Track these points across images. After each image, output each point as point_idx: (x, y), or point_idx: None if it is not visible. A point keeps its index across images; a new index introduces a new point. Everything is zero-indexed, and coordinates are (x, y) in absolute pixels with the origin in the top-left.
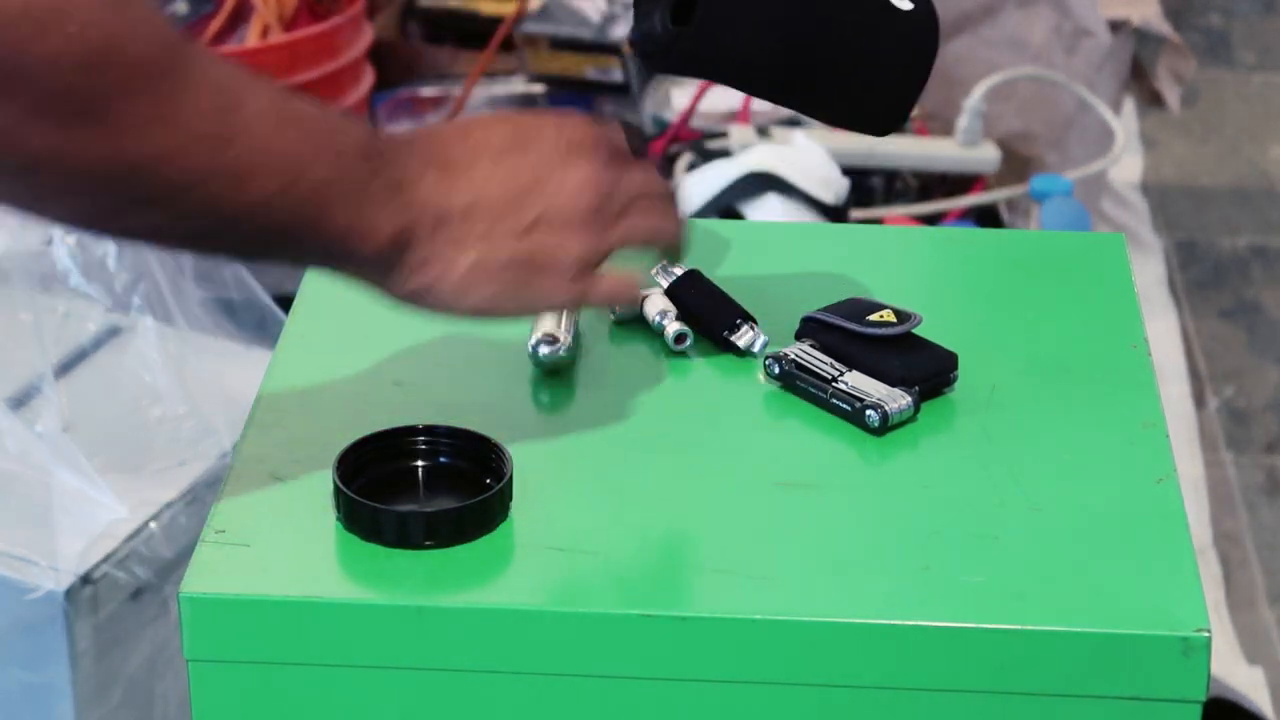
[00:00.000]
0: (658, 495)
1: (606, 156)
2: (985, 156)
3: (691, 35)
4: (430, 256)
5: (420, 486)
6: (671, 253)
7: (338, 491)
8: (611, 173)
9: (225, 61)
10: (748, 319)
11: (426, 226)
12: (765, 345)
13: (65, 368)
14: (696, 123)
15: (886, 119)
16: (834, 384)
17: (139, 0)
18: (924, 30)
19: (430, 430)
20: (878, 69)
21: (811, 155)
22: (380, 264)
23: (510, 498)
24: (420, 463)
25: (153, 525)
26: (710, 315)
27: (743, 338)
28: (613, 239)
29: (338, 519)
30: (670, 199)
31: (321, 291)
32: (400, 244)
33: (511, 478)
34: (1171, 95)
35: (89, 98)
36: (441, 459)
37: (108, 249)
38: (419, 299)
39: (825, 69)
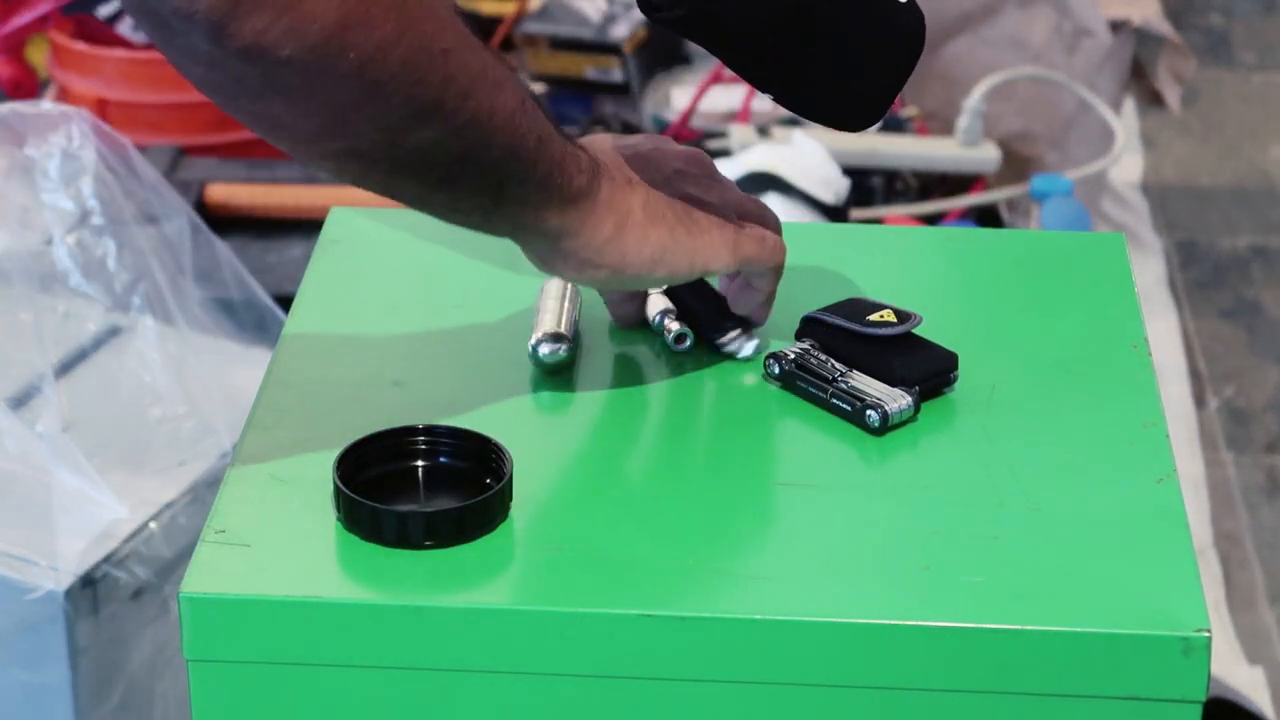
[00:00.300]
0: (658, 495)
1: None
2: (985, 156)
3: None
4: (615, 195)
5: (420, 486)
6: (770, 280)
7: (338, 491)
8: (724, 182)
9: None
10: (741, 323)
11: (602, 166)
12: (756, 349)
13: (65, 368)
14: (696, 123)
15: (866, 112)
16: (834, 384)
17: None
18: (916, 25)
19: (430, 430)
20: (870, 55)
21: (811, 155)
22: (582, 201)
23: (510, 498)
24: (420, 463)
25: (153, 525)
26: (705, 317)
27: (730, 343)
28: (743, 206)
29: (338, 519)
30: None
31: (321, 291)
32: (594, 176)
33: (511, 478)
34: (1171, 95)
35: None
36: (441, 459)
37: (108, 249)
38: (603, 254)
39: (823, 46)
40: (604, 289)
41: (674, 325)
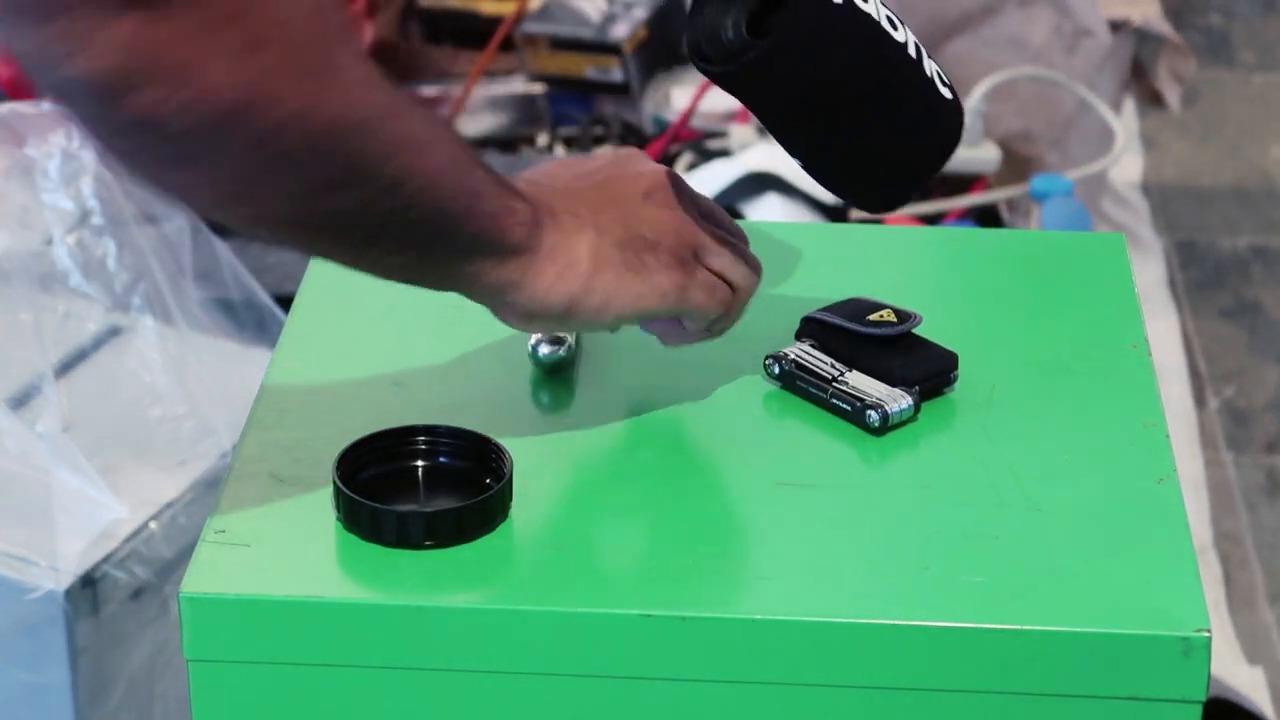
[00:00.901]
0: (658, 496)
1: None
2: (985, 156)
3: (766, 49)
4: (558, 243)
5: (420, 486)
6: (735, 311)
7: (338, 491)
8: (691, 212)
9: None
10: None
11: (546, 214)
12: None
13: (65, 368)
14: (696, 123)
15: (887, 198)
16: (834, 384)
17: None
18: (955, 124)
19: (430, 430)
20: (907, 146)
21: None
22: (521, 253)
23: (510, 498)
24: (420, 463)
25: (153, 525)
26: None
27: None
28: (706, 241)
29: (338, 519)
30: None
31: (321, 291)
32: (534, 228)
33: (511, 478)
34: (1171, 95)
35: (324, 49)
36: (441, 459)
37: (108, 249)
38: (546, 305)
39: (864, 129)
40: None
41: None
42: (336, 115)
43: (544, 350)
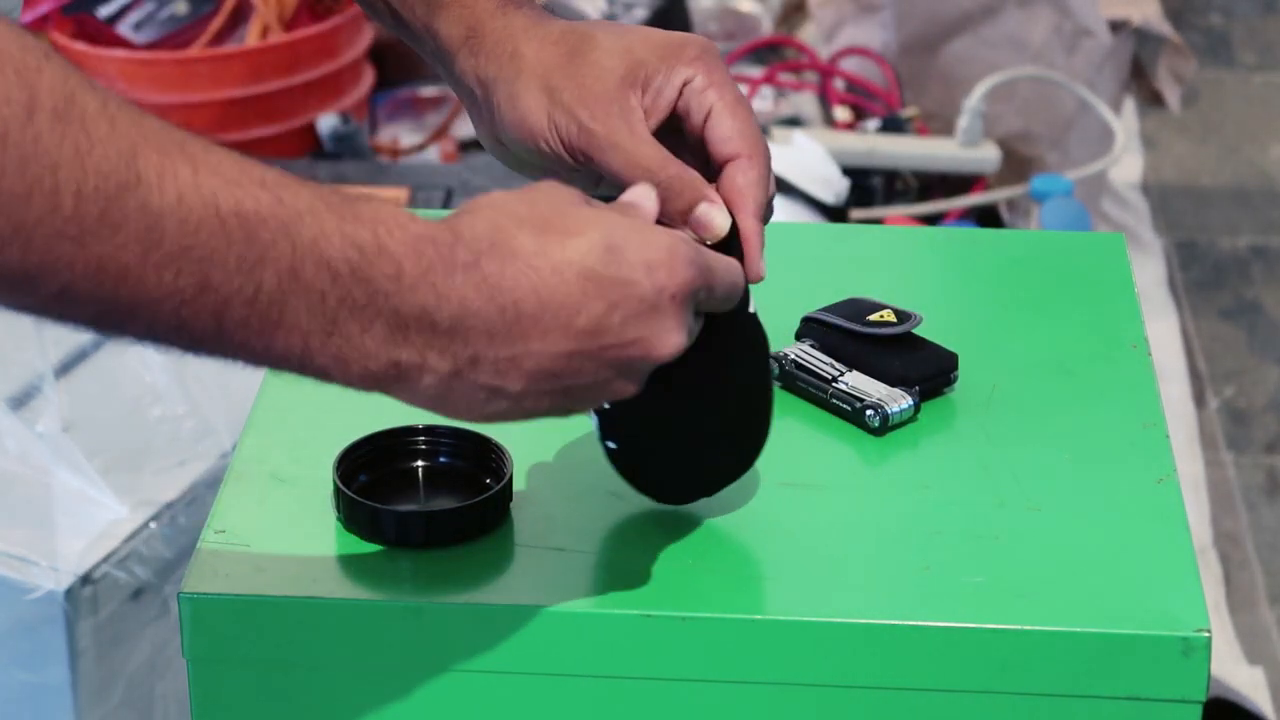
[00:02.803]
0: None
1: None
2: (985, 156)
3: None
4: (430, 393)
5: (420, 486)
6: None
7: (337, 491)
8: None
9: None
10: None
11: (443, 368)
12: None
13: (65, 368)
14: None
15: (677, 493)
16: (834, 384)
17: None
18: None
19: (430, 430)
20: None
21: (811, 155)
22: (384, 384)
23: (510, 498)
24: (420, 463)
25: (153, 525)
26: None
27: None
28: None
29: (338, 519)
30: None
31: None
32: (383, 383)
33: (511, 478)
34: (1171, 95)
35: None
36: (441, 459)
37: None
38: (432, 410)
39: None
40: None
41: None
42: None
43: None
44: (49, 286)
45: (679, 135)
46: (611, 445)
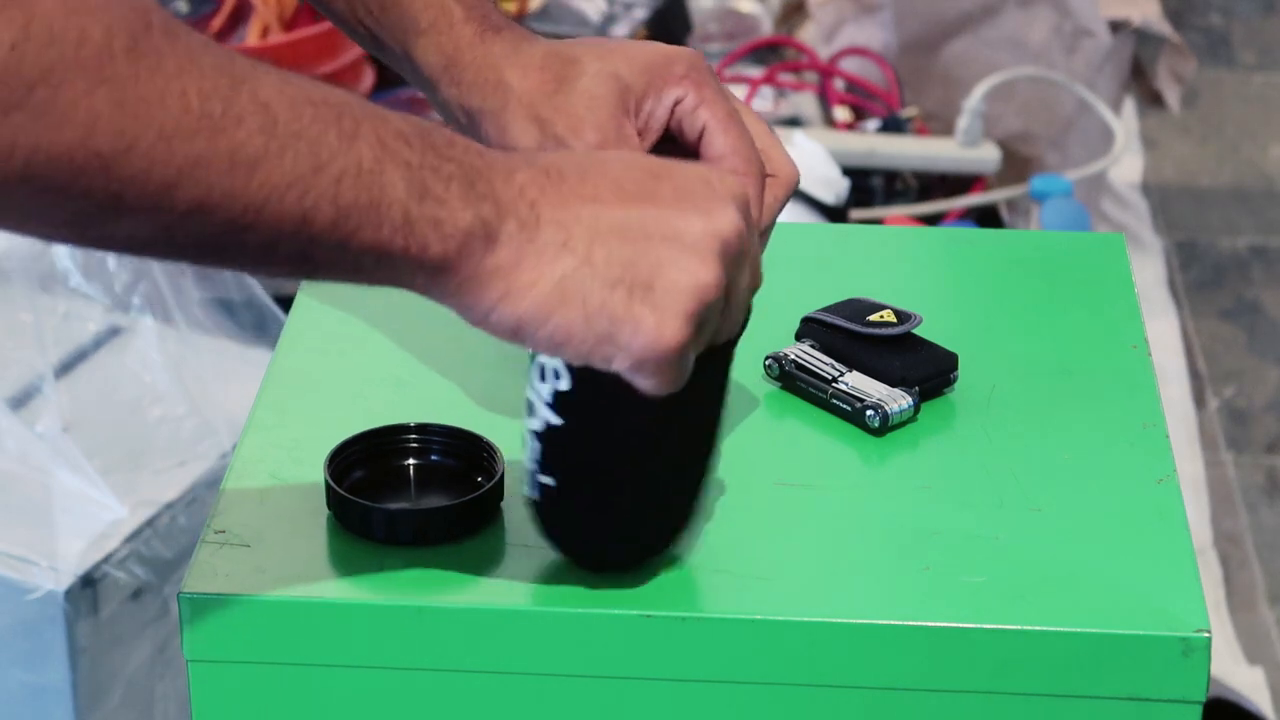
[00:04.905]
0: None
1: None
2: (985, 156)
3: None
4: (516, 261)
5: (412, 485)
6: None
7: (329, 489)
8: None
9: (214, 44)
10: None
11: (513, 223)
12: None
13: (65, 368)
14: None
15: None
16: (834, 384)
17: None
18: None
19: (422, 428)
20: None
21: (811, 155)
22: (446, 270)
23: (502, 496)
24: (412, 461)
25: (153, 525)
26: None
27: None
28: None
29: (329, 516)
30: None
31: (322, 291)
32: (470, 242)
33: (504, 476)
34: (1171, 95)
35: (48, 79)
36: (433, 457)
37: None
38: (490, 325)
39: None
40: None
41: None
42: (67, 150)
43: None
44: (187, 192)
45: (674, 144)
46: (548, 482)
